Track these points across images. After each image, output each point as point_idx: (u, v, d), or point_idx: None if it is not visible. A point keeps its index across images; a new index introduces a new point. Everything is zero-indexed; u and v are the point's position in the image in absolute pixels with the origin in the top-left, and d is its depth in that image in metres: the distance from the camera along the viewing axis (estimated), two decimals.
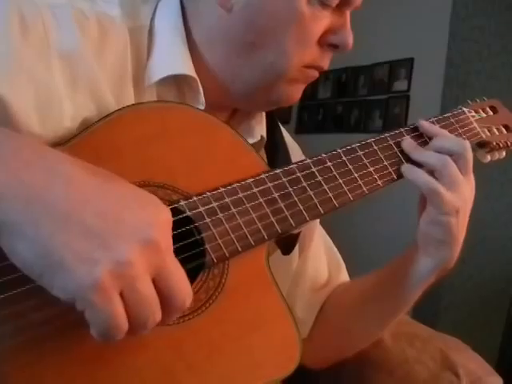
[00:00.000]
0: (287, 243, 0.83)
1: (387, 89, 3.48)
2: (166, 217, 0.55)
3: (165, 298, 0.54)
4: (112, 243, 0.50)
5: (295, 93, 0.83)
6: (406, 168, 0.82)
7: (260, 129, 0.88)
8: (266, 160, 0.83)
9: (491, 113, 1.00)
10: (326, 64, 0.82)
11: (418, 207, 0.83)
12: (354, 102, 3.71)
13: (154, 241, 0.52)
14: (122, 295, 0.51)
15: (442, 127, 0.89)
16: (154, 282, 0.53)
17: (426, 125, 0.86)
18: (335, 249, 1.06)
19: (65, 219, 0.49)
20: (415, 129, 0.87)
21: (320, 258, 1.01)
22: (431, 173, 0.80)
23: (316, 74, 0.82)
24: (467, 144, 0.81)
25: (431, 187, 0.78)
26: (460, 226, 0.80)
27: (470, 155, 0.80)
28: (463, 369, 0.99)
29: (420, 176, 0.80)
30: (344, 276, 1.04)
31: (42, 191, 0.50)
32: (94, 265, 0.49)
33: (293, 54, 0.77)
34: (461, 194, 0.79)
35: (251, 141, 0.84)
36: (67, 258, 0.49)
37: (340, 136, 3.64)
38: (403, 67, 3.38)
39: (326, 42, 0.79)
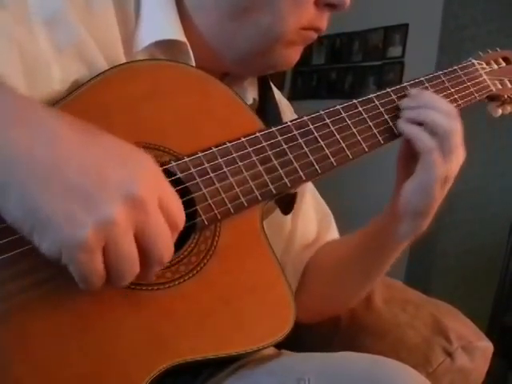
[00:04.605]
0: (287, 202, 0.81)
1: (381, 55, 3.44)
2: (150, 169, 0.56)
3: (144, 254, 0.55)
4: (96, 203, 0.51)
5: (293, 56, 0.81)
6: (403, 123, 0.79)
7: (252, 92, 0.87)
8: None
9: (504, 64, 0.95)
10: (323, 25, 0.79)
11: (399, 174, 0.81)
12: (348, 68, 3.67)
13: (137, 197, 0.52)
14: (104, 250, 0.52)
15: (449, 80, 0.86)
16: (136, 237, 0.53)
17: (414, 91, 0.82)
18: (324, 205, 1.04)
19: (48, 178, 0.50)
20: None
21: (310, 219, 0.99)
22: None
23: (314, 35, 0.80)
24: (453, 126, 0.76)
25: (428, 145, 0.75)
26: (439, 198, 0.77)
27: (452, 140, 0.75)
28: (455, 334, 1.00)
29: (418, 132, 0.76)
30: (332, 234, 1.02)
31: (26, 151, 0.51)
32: (79, 226, 0.50)
33: (289, 15, 0.75)
34: (451, 165, 0.76)
35: None
36: (53, 217, 0.50)
37: (334, 102, 3.52)
38: (398, 33, 3.34)
39: (323, 2, 0.77)
